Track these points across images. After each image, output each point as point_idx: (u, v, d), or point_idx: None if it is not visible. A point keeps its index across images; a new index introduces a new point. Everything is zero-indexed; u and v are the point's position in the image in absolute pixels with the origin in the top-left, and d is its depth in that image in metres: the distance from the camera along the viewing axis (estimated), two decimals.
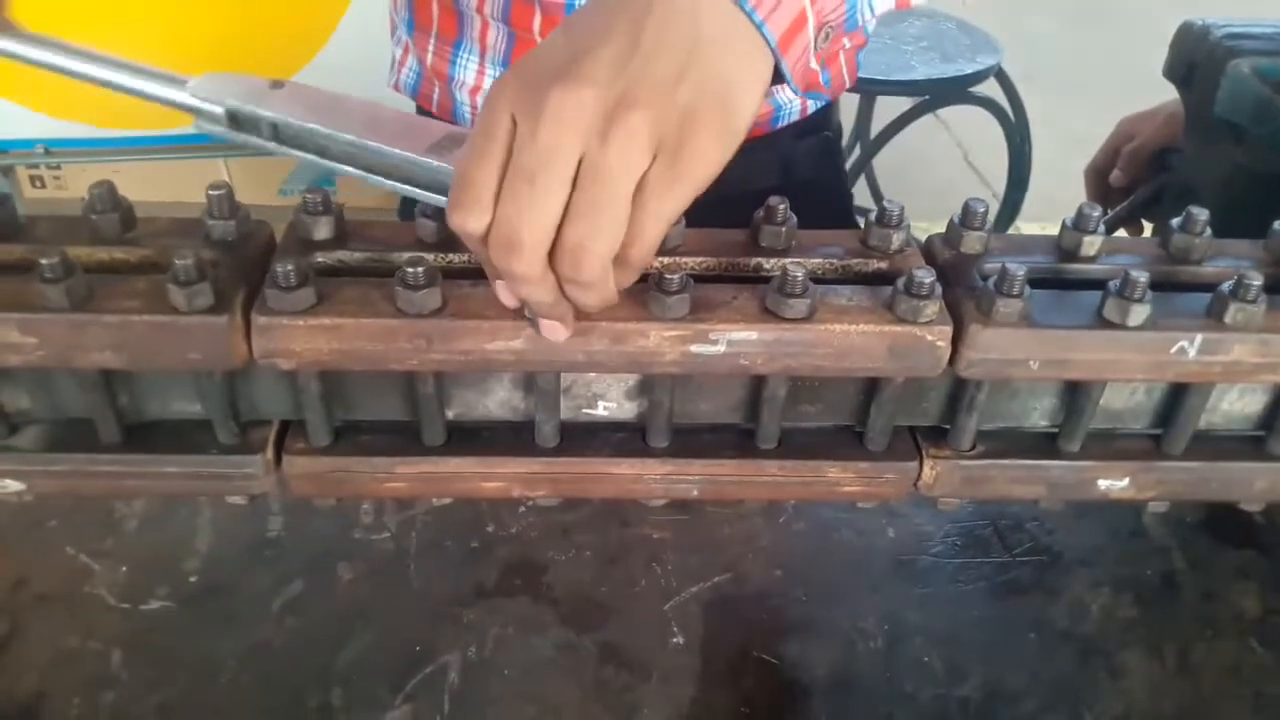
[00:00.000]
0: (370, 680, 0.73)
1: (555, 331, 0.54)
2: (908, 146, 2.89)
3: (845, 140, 2.29)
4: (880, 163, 2.94)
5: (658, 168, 0.47)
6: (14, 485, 0.62)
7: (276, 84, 0.60)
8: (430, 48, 1.03)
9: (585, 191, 0.47)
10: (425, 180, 0.57)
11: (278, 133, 0.59)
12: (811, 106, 1.06)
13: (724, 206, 0.63)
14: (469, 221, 0.48)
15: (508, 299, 0.54)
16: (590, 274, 0.48)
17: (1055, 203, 0.78)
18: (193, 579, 0.80)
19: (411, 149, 0.56)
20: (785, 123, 1.05)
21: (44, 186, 2.83)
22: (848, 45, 1.06)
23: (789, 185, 1.07)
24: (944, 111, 2.98)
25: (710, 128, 0.48)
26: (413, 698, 0.72)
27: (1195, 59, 0.97)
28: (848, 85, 1.11)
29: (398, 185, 0.57)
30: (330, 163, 0.58)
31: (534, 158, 0.46)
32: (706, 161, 0.48)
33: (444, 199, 0.55)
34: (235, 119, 0.59)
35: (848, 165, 2.55)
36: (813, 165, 1.10)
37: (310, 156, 0.59)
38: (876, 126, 2.85)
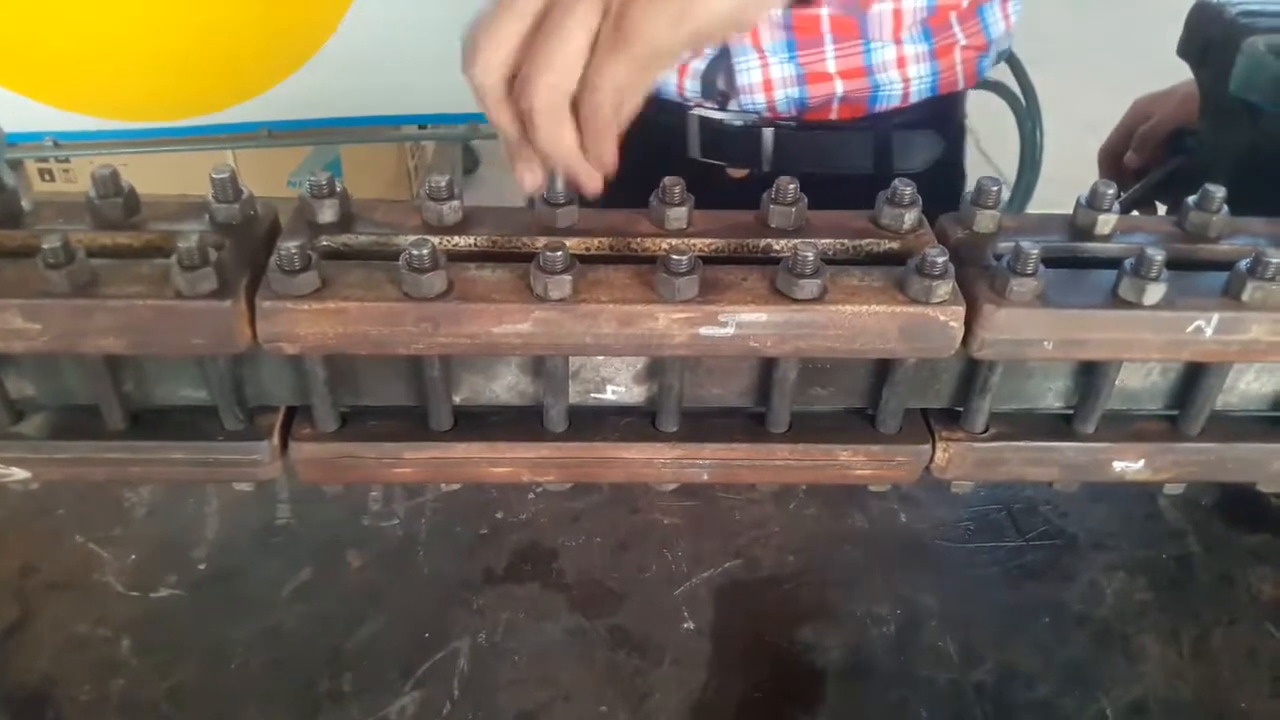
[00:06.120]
0: (380, 666, 0.73)
1: (522, 177, 0.59)
2: None
3: None
4: None
5: (604, 28, 0.53)
6: (20, 473, 0.62)
7: None
8: None
9: (539, 30, 0.53)
10: None
11: None
12: (914, 95, 1.04)
13: (813, 187, 0.62)
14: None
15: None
16: (534, 102, 0.53)
17: (1068, 188, 0.77)
18: (201, 566, 0.80)
19: None
20: (884, 106, 1.02)
21: (53, 179, 2.84)
22: (963, 43, 1.03)
23: (885, 176, 1.05)
24: None
25: (655, 4, 0.52)
26: (423, 683, 0.72)
27: (1210, 37, 0.96)
28: (961, 86, 1.07)
29: None
30: None
31: None
32: (646, 34, 0.52)
33: None
34: None
35: None
36: (919, 159, 1.06)
37: None
38: None
